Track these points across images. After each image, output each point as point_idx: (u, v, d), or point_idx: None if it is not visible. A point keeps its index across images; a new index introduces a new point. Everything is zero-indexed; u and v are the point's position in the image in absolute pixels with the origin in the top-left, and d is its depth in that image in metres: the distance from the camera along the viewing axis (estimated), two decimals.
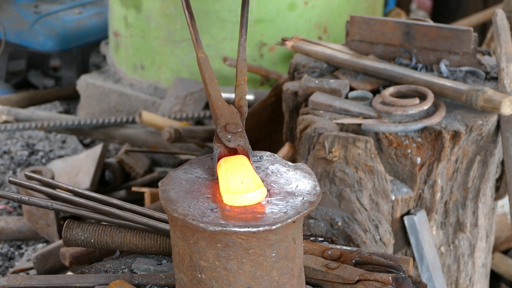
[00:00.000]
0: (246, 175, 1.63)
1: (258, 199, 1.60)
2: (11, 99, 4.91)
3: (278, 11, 4.32)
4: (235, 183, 1.61)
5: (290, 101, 2.75)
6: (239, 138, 1.71)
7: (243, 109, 1.80)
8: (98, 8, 5.56)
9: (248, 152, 1.70)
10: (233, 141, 1.70)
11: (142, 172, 3.99)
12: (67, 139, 4.81)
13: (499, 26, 2.61)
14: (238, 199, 1.59)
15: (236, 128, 1.73)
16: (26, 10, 5.37)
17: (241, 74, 1.87)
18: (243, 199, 1.59)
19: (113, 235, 1.92)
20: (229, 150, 1.71)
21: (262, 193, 1.60)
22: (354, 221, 2.49)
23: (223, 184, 1.62)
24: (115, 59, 4.88)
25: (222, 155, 1.70)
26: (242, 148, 1.70)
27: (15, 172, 4.44)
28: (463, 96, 2.52)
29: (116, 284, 1.73)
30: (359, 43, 2.84)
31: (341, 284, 1.79)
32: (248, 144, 1.71)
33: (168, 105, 4.36)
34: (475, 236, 2.70)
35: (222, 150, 1.70)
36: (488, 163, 2.62)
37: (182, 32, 4.40)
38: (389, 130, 2.47)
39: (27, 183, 1.95)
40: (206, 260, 1.58)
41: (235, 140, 1.71)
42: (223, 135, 1.71)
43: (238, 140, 1.71)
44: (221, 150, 1.70)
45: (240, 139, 1.71)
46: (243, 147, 1.70)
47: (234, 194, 1.59)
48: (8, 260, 3.70)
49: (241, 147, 1.70)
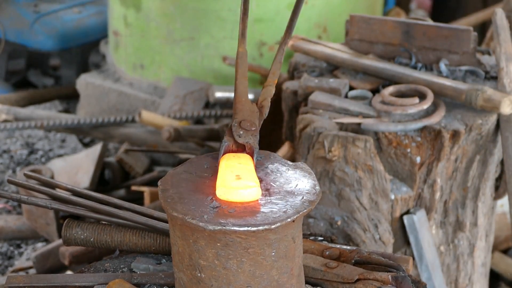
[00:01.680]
0: (244, 172, 1.62)
1: (251, 197, 1.60)
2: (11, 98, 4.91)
3: (277, 10, 4.32)
4: (231, 178, 1.61)
5: (289, 100, 2.75)
6: (250, 136, 1.70)
7: (264, 109, 1.79)
8: (98, 7, 5.56)
9: (254, 151, 1.69)
10: (244, 137, 1.70)
11: (141, 171, 3.99)
12: (66, 138, 4.81)
13: (499, 25, 2.61)
14: (231, 194, 1.59)
15: (250, 126, 1.72)
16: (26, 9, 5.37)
17: (272, 76, 1.86)
18: (235, 195, 1.59)
19: (112, 234, 1.92)
20: (238, 146, 1.70)
21: (256, 192, 1.60)
22: (354, 220, 2.49)
23: (219, 178, 1.62)
24: (115, 58, 4.87)
25: (229, 149, 1.69)
26: (250, 146, 1.69)
27: (14, 171, 4.44)
28: (463, 95, 2.52)
29: (115, 283, 1.73)
30: (359, 43, 2.84)
31: (340, 283, 1.79)
32: (256, 144, 1.70)
33: (168, 104, 4.35)
34: (475, 235, 2.70)
35: (231, 144, 1.69)
36: (487, 162, 2.62)
37: (182, 31, 4.40)
38: (389, 130, 2.47)
39: (25, 182, 1.95)
40: (205, 259, 1.58)
41: (246, 137, 1.70)
42: (236, 130, 1.70)
43: (249, 138, 1.70)
44: (230, 144, 1.69)
45: (251, 137, 1.70)
46: (251, 145, 1.69)
47: (227, 189, 1.59)
48: (8, 259, 3.69)
49: (249, 144, 1.69)
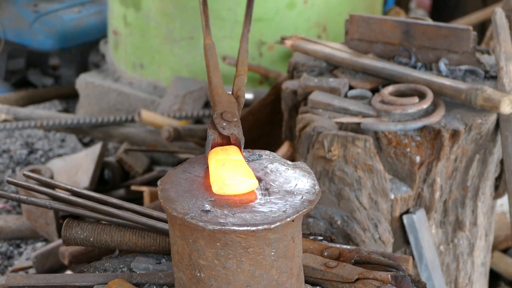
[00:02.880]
0: (236, 165, 1.64)
1: (248, 189, 1.61)
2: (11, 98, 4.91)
3: (277, 10, 4.31)
4: (225, 172, 1.62)
5: (289, 100, 2.75)
6: (234, 127, 1.73)
7: (241, 99, 1.82)
8: (98, 7, 5.56)
9: (240, 142, 1.71)
10: (228, 129, 1.72)
11: (141, 171, 3.98)
12: (66, 138, 4.81)
13: (499, 25, 2.61)
14: (228, 188, 1.60)
15: (232, 117, 1.74)
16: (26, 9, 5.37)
17: (242, 64, 1.87)
18: (232, 188, 1.60)
19: (112, 234, 1.92)
20: (223, 138, 1.72)
21: (252, 183, 1.61)
22: (353, 220, 2.48)
23: (213, 173, 1.63)
24: (115, 58, 4.87)
25: (216, 142, 1.72)
26: (235, 137, 1.72)
27: (14, 171, 4.44)
28: (463, 95, 2.52)
29: (115, 283, 1.73)
30: (359, 42, 2.84)
31: (340, 283, 1.79)
32: (241, 134, 1.73)
33: (167, 104, 4.35)
34: (474, 235, 2.70)
35: (216, 137, 1.72)
36: (487, 162, 2.62)
37: (182, 30, 4.40)
38: (388, 129, 2.47)
39: (25, 183, 1.95)
40: (205, 259, 1.58)
41: (230, 129, 1.72)
42: (218, 122, 1.73)
43: (233, 129, 1.72)
44: (215, 137, 1.72)
45: (235, 128, 1.73)
46: (236, 136, 1.71)
47: (223, 183, 1.60)
48: (7, 259, 3.69)
49: (234, 136, 1.72)
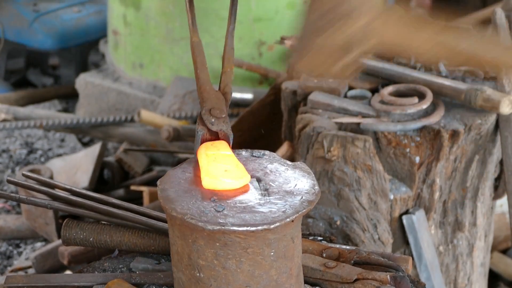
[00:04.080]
0: (227, 160, 1.67)
1: (240, 184, 1.62)
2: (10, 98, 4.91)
3: (277, 10, 4.31)
4: (216, 167, 1.64)
5: (289, 100, 2.75)
6: (222, 123, 1.76)
7: (228, 96, 1.84)
8: (97, 6, 5.56)
9: (229, 138, 1.75)
10: (216, 125, 1.75)
11: (140, 171, 3.99)
12: (66, 137, 4.81)
13: (498, 24, 2.61)
14: (220, 183, 1.61)
15: (220, 114, 1.77)
16: (25, 8, 5.37)
17: (228, 61, 1.90)
18: (224, 184, 1.61)
19: (112, 234, 1.92)
20: (211, 134, 1.75)
21: (244, 177, 1.63)
22: (353, 220, 2.48)
23: (204, 168, 1.65)
24: (114, 57, 4.87)
25: (205, 138, 1.74)
26: (224, 133, 1.75)
27: (14, 171, 4.44)
28: (462, 95, 2.52)
29: (114, 283, 1.73)
30: None
31: (339, 283, 1.79)
32: (229, 130, 1.76)
33: (167, 103, 4.35)
34: (474, 235, 2.69)
35: (205, 133, 1.75)
36: (486, 162, 2.62)
37: (181, 30, 4.40)
38: (388, 129, 2.47)
39: (24, 182, 1.95)
40: (204, 259, 1.58)
41: (218, 125, 1.75)
42: (207, 118, 1.76)
43: (221, 125, 1.75)
44: (204, 133, 1.75)
45: (223, 124, 1.76)
46: (224, 132, 1.74)
47: (215, 179, 1.61)
48: (7, 259, 3.69)
49: (222, 131, 1.75)
